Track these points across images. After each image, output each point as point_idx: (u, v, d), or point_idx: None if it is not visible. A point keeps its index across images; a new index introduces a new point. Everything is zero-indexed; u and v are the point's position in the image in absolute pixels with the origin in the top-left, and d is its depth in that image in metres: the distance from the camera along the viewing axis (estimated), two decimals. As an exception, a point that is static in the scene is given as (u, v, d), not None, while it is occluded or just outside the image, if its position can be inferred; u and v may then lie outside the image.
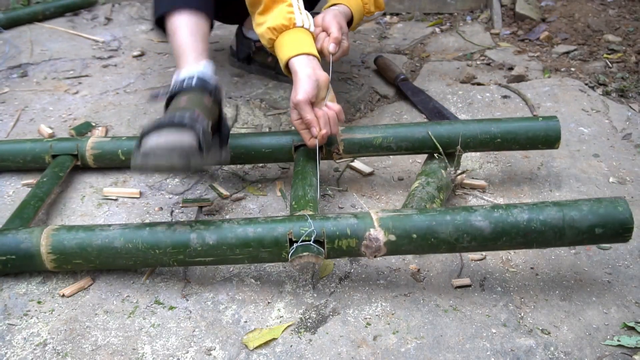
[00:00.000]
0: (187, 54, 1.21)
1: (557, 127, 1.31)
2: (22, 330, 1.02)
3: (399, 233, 1.01)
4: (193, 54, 1.21)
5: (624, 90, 1.81)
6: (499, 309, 1.06)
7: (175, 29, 1.24)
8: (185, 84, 1.15)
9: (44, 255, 1.06)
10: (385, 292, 1.09)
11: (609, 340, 0.99)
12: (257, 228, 1.04)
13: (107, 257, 1.05)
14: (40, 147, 1.40)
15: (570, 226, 1.00)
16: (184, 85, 1.15)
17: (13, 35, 2.28)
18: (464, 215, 1.02)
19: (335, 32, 1.33)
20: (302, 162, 1.28)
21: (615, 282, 1.11)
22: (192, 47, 1.22)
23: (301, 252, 1.00)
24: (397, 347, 0.98)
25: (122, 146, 1.39)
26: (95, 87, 1.89)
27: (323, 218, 1.04)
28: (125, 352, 0.98)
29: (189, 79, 1.16)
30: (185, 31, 1.23)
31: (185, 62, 1.20)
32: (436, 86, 1.88)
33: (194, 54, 1.21)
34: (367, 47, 2.21)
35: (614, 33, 2.17)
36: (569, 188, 1.38)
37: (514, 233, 1.01)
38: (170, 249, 1.04)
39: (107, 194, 1.37)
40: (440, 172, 1.29)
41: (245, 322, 1.04)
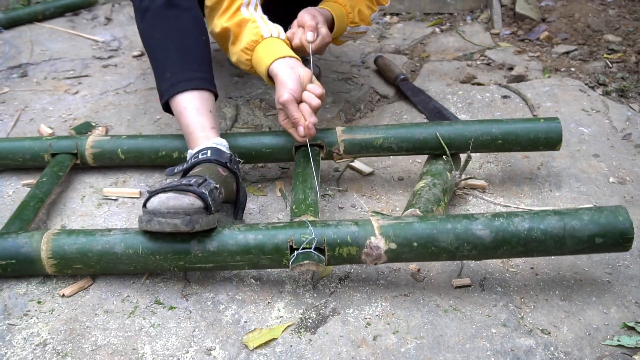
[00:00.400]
0: (197, 134, 1.21)
1: (559, 128, 1.31)
2: (22, 330, 1.02)
3: (400, 241, 1.01)
4: (203, 133, 1.21)
5: (624, 90, 1.81)
6: (499, 309, 1.06)
7: (182, 110, 1.23)
8: (200, 157, 1.16)
9: (44, 260, 1.06)
10: (385, 292, 1.09)
11: (609, 340, 0.99)
12: (257, 235, 1.04)
13: (108, 263, 1.05)
14: (39, 146, 1.40)
15: (571, 235, 1.00)
16: (199, 157, 1.16)
17: (13, 35, 2.28)
18: (465, 223, 1.02)
19: (309, 21, 1.31)
20: (303, 163, 1.27)
21: (615, 282, 1.11)
22: (201, 126, 1.21)
23: (302, 259, 1.00)
24: (397, 347, 0.98)
25: (121, 145, 1.39)
26: (95, 87, 1.89)
27: (324, 225, 1.04)
28: (125, 352, 0.98)
29: (202, 152, 1.16)
30: (192, 112, 1.22)
31: (197, 142, 1.21)
32: (436, 86, 1.88)
33: (204, 132, 1.21)
34: (367, 47, 2.21)
35: (614, 33, 2.17)
36: (569, 188, 1.38)
37: (515, 242, 1.01)
38: (171, 255, 1.04)
39: (107, 194, 1.37)
40: (446, 174, 1.28)
41: (245, 322, 1.04)
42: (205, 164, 1.15)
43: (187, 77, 1.24)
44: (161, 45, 1.27)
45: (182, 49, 1.26)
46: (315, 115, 1.20)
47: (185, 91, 1.23)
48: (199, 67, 1.27)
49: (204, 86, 1.25)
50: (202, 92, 1.24)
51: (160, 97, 1.28)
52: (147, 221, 1.00)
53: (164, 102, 1.27)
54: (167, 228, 0.99)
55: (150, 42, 1.30)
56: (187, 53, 1.26)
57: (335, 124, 1.66)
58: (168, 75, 1.25)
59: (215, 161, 1.15)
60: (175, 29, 1.26)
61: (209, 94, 1.26)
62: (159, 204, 1.00)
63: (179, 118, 1.24)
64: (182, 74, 1.24)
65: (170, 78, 1.25)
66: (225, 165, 1.16)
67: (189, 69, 1.25)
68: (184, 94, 1.23)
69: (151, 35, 1.29)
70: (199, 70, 1.26)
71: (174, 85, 1.24)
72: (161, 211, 0.99)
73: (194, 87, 1.24)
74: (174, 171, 1.18)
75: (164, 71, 1.27)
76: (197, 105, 1.23)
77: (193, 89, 1.23)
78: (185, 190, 1.02)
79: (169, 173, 1.18)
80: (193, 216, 1.00)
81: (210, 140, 1.20)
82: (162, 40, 1.27)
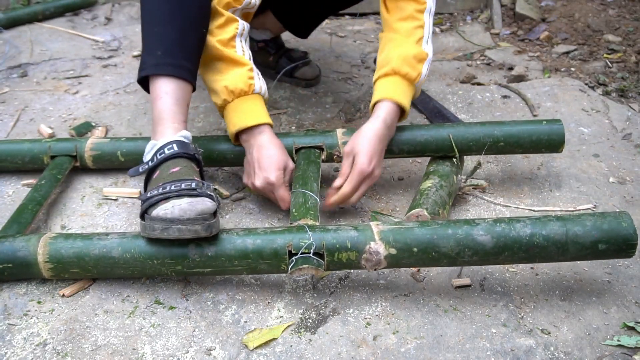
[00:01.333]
0: (167, 124, 1.18)
1: (561, 130, 1.30)
2: (22, 330, 1.02)
3: (400, 246, 1.01)
4: (174, 124, 1.18)
5: (624, 90, 1.81)
6: (499, 309, 1.06)
7: (162, 94, 1.19)
8: (167, 152, 1.12)
9: (41, 264, 1.05)
10: (385, 292, 1.09)
11: (609, 340, 0.99)
12: (256, 240, 1.03)
13: (105, 267, 1.05)
14: (38, 148, 1.39)
15: (574, 241, 0.99)
16: (165, 152, 1.12)
17: (13, 35, 2.28)
18: (466, 229, 1.01)
19: (340, 183, 1.25)
20: (303, 165, 1.27)
21: (615, 282, 1.11)
22: (174, 117, 1.18)
23: (301, 264, 1.00)
24: (397, 347, 0.98)
25: (121, 147, 1.38)
26: (95, 87, 1.89)
27: (323, 230, 1.03)
28: (125, 352, 0.98)
29: (168, 147, 1.13)
30: (170, 99, 1.19)
31: (164, 132, 1.17)
32: (436, 86, 1.88)
33: (175, 124, 1.18)
34: (367, 47, 2.21)
35: (614, 33, 2.17)
36: (569, 188, 1.38)
37: (516, 248, 1.00)
38: (169, 259, 1.03)
39: (107, 194, 1.37)
40: (453, 177, 1.28)
41: (245, 322, 1.04)
42: (179, 160, 1.12)
43: (178, 63, 1.21)
44: (163, 21, 1.22)
45: (183, 33, 1.22)
46: None
47: (171, 77, 1.20)
48: (191, 57, 1.24)
49: (189, 78, 1.22)
50: (185, 84, 1.21)
51: (141, 69, 1.23)
52: (162, 229, 0.99)
53: (144, 75, 1.22)
54: (187, 235, 0.99)
55: (152, 13, 1.24)
56: (185, 38, 1.23)
57: (335, 124, 1.66)
58: (159, 53, 1.21)
59: (184, 154, 1.13)
60: (181, 10, 1.22)
61: (190, 88, 1.24)
62: (182, 212, 0.98)
63: (154, 100, 1.20)
64: (173, 58, 1.21)
65: (161, 57, 1.20)
66: (193, 157, 1.15)
67: (182, 56, 1.21)
68: (169, 78, 1.20)
69: (156, 6, 1.23)
70: (189, 60, 1.23)
71: (161, 65, 1.20)
72: (181, 219, 0.98)
73: (181, 76, 1.20)
74: (140, 171, 1.15)
75: (156, 47, 1.22)
76: (178, 95, 1.20)
77: (179, 78, 1.20)
78: (199, 195, 1.01)
79: (134, 174, 1.15)
80: (209, 221, 1.00)
81: (177, 134, 1.17)
82: (166, 16, 1.22)
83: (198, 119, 1.66)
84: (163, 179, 1.07)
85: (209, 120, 1.66)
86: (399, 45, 1.29)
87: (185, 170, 1.09)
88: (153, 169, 1.13)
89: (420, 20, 1.31)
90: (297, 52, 1.89)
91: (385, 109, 1.26)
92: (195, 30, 1.24)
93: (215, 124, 1.64)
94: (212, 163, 1.35)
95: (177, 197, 1.01)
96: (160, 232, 0.99)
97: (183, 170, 1.09)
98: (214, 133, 1.60)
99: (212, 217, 1.02)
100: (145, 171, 1.14)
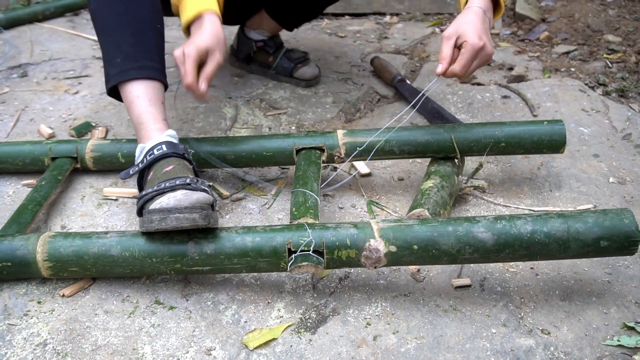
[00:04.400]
0: (149, 125, 1.17)
1: (563, 131, 1.30)
2: (22, 330, 1.02)
3: (400, 244, 1.00)
4: (156, 125, 1.18)
5: (624, 91, 1.81)
6: (498, 309, 1.06)
7: (134, 99, 1.19)
8: (156, 153, 1.12)
9: (39, 263, 1.05)
10: (385, 292, 1.09)
11: (609, 340, 0.99)
12: (255, 237, 1.03)
13: (104, 265, 1.05)
14: (39, 150, 1.39)
15: (575, 238, 0.99)
16: (154, 153, 1.12)
17: (13, 36, 2.28)
18: (466, 226, 1.01)
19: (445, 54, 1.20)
20: (304, 166, 1.27)
21: (615, 282, 1.11)
22: (153, 117, 1.18)
23: (300, 261, 1.00)
24: (397, 347, 0.98)
25: (122, 149, 1.38)
26: (95, 87, 1.89)
27: (323, 227, 1.03)
28: (125, 352, 0.98)
29: (158, 148, 1.13)
30: (144, 101, 1.19)
31: (149, 135, 1.17)
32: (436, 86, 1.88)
33: (157, 124, 1.18)
34: (367, 47, 2.21)
35: (614, 33, 2.18)
36: (569, 188, 1.38)
37: (517, 245, 0.99)
38: (167, 257, 1.03)
39: (107, 194, 1.37)
40: (454, 178, 1.28)
41: (245, 322, 1.04)
42: (171, 159, 1.12)
43: (140, 65, 1.21)
44: (115, 29, 1.23)
45: (137, 35, 1.22)
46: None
47: (138, 80, 1.20)
48: (152, 56, 1.23)
49: (156, 76, 1.22)
50: (154, 82, 1.21)
51: (106, 81, 1.24)
52: (160, 220, 0.99)
53: (111, 86, 1.22)
54: (185, 223, 0.98)
55: (103, 23, 1.25)
56: (141, 40, 1.23)
57: (335, 125, 1.66)
58: (118, 61, 1.21)
59: (174, 154, 1.13)
60: (131, 13, 1.23)
61: (161, 85, 1.23)
62: (177, 202, 0.98)
63: (129, 106, 1.20)
64: (135, 61, 1.21)
65: (121, 64, 1.21)
66: (183, 156, 1.15)
67: (142, 57, 1.22)
68: (136, 82, 1.20)
69: (105, 16, 1.24)
70: (151, 59, 1.23)
71: (124, 72, 1.20)
72: (178, 208, 0.98)
73: (146, 76, 1.20)
74: (130, 173, 1.15)
75: (114, 55, 1.22)
76: (149, 95, 1.20)
77: (145, 78, 1.20)
78: (195, 188, 1.02)
79: (125, 176, 1.15)
80: (207, 210, 1.00)
81: (163, 134, 1.17)
82: (117, 23, 1.22)
83: (198, 119, 1.67)
84: (158, 178, 1.07)
85: (209, 120, 1.66)
86: None
87: (179, 169, 1.09)
88: (145, 171, 1.13)
89: None
90: (296, 52, 1.89)
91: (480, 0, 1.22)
92: (150, 28, 1.25)
93: (215, 124, 1.64)
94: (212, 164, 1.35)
95: (172, 190, 1.01)
96: (158, 223, 0.99)
97: (177, 168, 1.09)
98: (214, 133, 1.60)
99: (209, 208, 1.02)
100: (136, 172, 1.14)
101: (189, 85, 1.19)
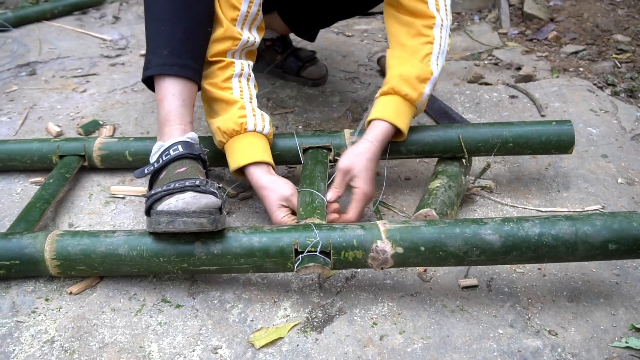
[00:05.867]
0: (175, 125, 1.17)
1: (571, 131, 1.29)
2: (30, 327, 1.03)
3: (407, 245, 1.00)
4: (181, 126, 1.17)
5: (632, 91, 1.80)
6: (506, 309, 1.05)
7: (168, 95, 1.19)
8: (172, 153, 1.12)
9: (48, 261, 1.05)
10: (392, 292, 1.09)
11: (617, 342, 0.98)
12: (262, 238, 1.03)
13: (111, 264, 1.05)
14: (47, 148, 1.40)
15: (583, 241, 0.98)
16: (170, 154, 1.12)
17: (22, 34, 2.29)
18: (474, 228, 1.00)
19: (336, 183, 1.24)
20: (311, 165, 1.27)
21: (624, 284, 1.11)
22: (181, 118, 1.18)
23: (307, 262, 1.00)
24: (403, 347, 0.98)
25: (129, 147, 1.39)
26: (103, 86, 1.89)
27: (329, 228, 1.03)
28: (132, 350, 0.98)
29: (174, 148, 1.13)
30: (177, 100, 1.18)
31: (171, 133, 1.17)
32: (443, 86, 1.88)
33: (182, 125, 1.17)
34: (374, 47, 2.21)
35: (623, 33, 2.16)
36: (576, 189, 1.38)
37: (525, 247, 0.99)
38: (175, 257, 1.03)
39: (115, 192, 1.37)
40: (461, 178, 1.28)
41: (251, 321, 1.04)
42: (185, 161, 1.12)
43: (185, 63, 1.20)
44: (170, 19, 1.21)
45: (189, 33, 1.21)
46: None
47: (178, 77, 1.19)
48: (197, 57, 1.23)
49: (195, 78, 1.22)
50: (192, 84, 1.21)
51: (145, 68, 1.22)
52: (168, 222, 0.99)
53: (150, 74, 1.20)
54: (192, 227, 0.98)
55: (158, 10, 1.23)
56: (192, 38, 1.22)
57: (342, 124, 1.66)
58: (165, 53, 1.20)
59: (189, 155, 1.13)
60: (189, 8, 1.21)
61: (196, 88, 1.23)
62: (186, 204, 0.98)
63: (161, 100, 1.19)
64: (181, 58, 1.20)
65: (167, 57, 1.19)
66: (199, 157, 1.14)
67: (188, 55, 1.21)
68: (176, 79, 1.19)
69: (163, 4, 1.22)
70: (197, 61, 1.23)
71: (168, 65, 1.19)
72: (186, 211, 0.98)
73: (187, 76, 1.20)
74: (145, 172, 1.15)
75: (161, 46, 1.20)
76: (184, 95, 1.19)
77: (185, 78, 1.19)
78: (204, 191, 1.02)
79: (140, 175, 1.15)
80: (215, 215, 1.00)
81: (185, 135, 1.17)
82: (172, 14, 1.21)
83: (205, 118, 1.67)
84: (169, 178, 1.07)
85: (216, 119, 1.66)
86: (403, 63, 1.28)
87: (191, 170, 1.09)
88: (159, 170, 1.13)
89: (428, 37, 1.29)
90: (304, 51, 1.89)
91: (380, 128, 1.25)
92: (201, 30, 1.24)
93: (222, 122, 1.64)
94: (219, 163, 1.35)
95: (181, 191, 1.01)
96: (166, 226, 0.99)
97: (189, 170, 1.09)
98: (221, 132, 1.60)
99: (217, 212, 1.02)
100: (150, 172, 1.14)
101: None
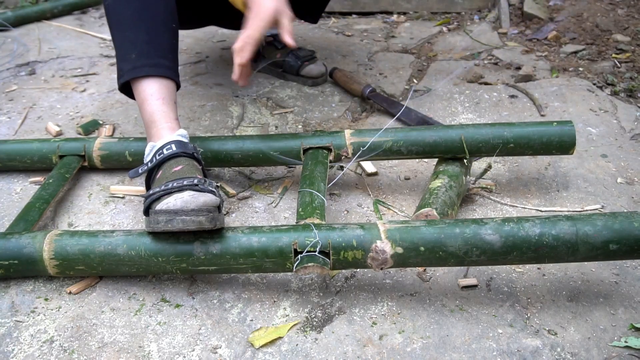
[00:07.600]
0: (161, 124, 1.17)
1: (572, 132, 1.28)
2: (29, 327, 1.03)
3: (407, 245, 1.00)
4: (168, 124, 1.17)
5: (632, 90, 1.80)
6: (505, 309, 1.05)
7: (147, 97, 1.18)
8: (165, 152, 1.12)
9: (46, 261, 1.05)
10: (391, 292, 1.09)
11: (616, 341, 0.98)
12: (261, 238, 1.03)
13: (110, 264, 1.05)
14: (47, 148, 1.40)
15: (584, 242, 0.98)
16: (164, 153, 1.12)
17: (21, 33, 2.29)
18: (474, 228, 1.00)
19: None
20: (311, 165, 1.27)
21: (623, 283, 1.11)
22: (166, 116, 1.18)
23: (306, 262, 1.00)
24: (403, 347, 0.98)
25: (129, 147, 1.39)
26: (103, 85, 1.89)
27: (329, 228, 1.03)
28: (131, 349, 0.98)
29: (167, 148, 1.13)
30: (156, 100, 1.18)
31: (160, 134, 1.16)
32: (443, 85, 1.88)
33: (168, 123, 1.17)
34: (374, 46, 2.21)
35: (623, 33, 2.16)
36: (576, 188, 1.38)
37: (525, 247, 0.99)
38: (174, 257, 1.03)
39: (114, 191, 1.37)
40: (462, 178, 1.27)
41: (251, 321, 1.04)
42: (180, 159, 1.12)
43: (155, 62, 1.20)
44: (130, 25, 1.22)
45: (152, 33, 1.22)
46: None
47: (151, 77, 1.19)
48: (166, 54, 1.23)
49: (169, 75, 1.21)
50: (167, 81, 1.21)
51: (119, 77, 1.23)
52: (166, 221, 0.99)
53: (123, 81, 1.22)
54: (191, 226, 0.98)
55: (118, 19, 1.24)
56: (156, 38, 1.22)
57: (341, 124, 1.66)
58: (133, 57, 1.20)
59: (183, 154, 1.13)
60: (146, 10, 1.22)
61: (174, 84, 1.23)
62: (184, 203, 0.98)
63: (141, 104, 1.20)
64: (149, 58, 1.20)
65: (135, 60, 1.20)
66: (193, 156, 1.15)
67: (156, 54, 1.21)
68: (150, 80, 1.19)
69: (121, 11, 1.23)
70: (166, 57, 1.22)
71: (138, 68, 1.20)
72: (185, 210, 0.98)
73: (160, 74, 1.20)
74: (139, 172, 1.15)
75: (128, 51, 1.21)
76: (162, 93, 1.19)
77: (159, 76, 1.20)
78: (202, 190, 1.02)
79: (134, 175, 1.15)
80: (214, 213, 1.00)
81: (174, 133, 1.17)
82: (132, 19, 1.22)
83: (205, 117, 1.67)
84: (166, 177, 1.07)
85: (216, 118, 1.66)
86: None
87: (188, 169, 1.09)
88: (154, 170, 1.13)
89: None
90: (304, 50, 1.89)
91: None
92: (165, 27, 1.24)
93: (221, 122, 1.65)
94: (219, 163, 1.35)
95: (179, 191, 1.01)
96: (164, 224, 0.99)
97: (186, 168, 1.09)
98: (220, 132, 1.60)
99: (216, 211, 1.02)
100: (145, 172, 1.14)
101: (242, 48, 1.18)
